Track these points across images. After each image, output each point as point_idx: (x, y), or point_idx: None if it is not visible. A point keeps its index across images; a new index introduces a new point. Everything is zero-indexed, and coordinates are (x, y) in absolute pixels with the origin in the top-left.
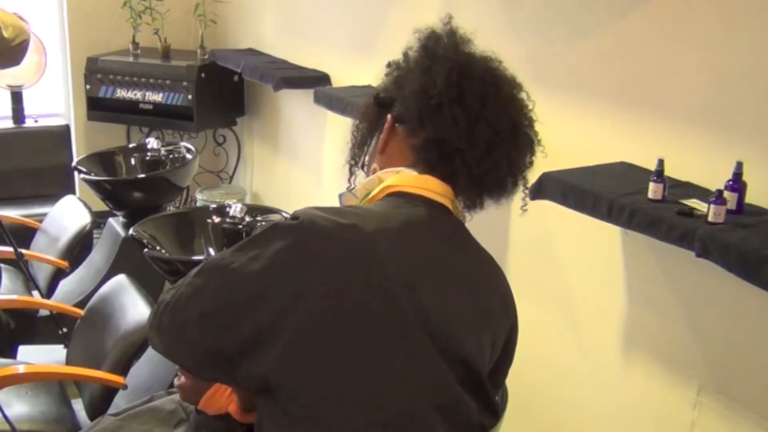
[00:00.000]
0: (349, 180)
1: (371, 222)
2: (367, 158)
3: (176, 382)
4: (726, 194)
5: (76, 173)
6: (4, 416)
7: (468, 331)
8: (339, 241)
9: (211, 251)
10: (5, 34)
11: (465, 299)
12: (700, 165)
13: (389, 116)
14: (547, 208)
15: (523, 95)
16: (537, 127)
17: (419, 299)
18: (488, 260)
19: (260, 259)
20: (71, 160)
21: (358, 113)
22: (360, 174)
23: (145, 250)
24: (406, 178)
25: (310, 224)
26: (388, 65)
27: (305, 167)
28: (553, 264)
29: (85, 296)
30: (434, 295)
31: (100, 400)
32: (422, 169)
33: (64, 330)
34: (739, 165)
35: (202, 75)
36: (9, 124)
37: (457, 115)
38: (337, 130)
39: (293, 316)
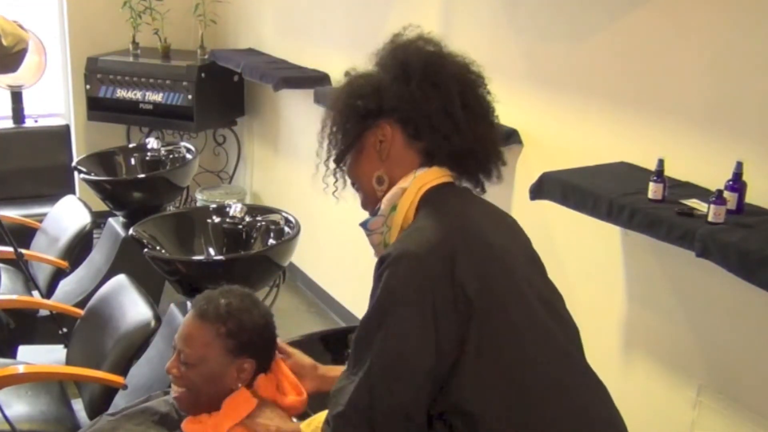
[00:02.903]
0: (335, 185)
1: (457, 220)
2: (352, 168)
3: (173, 393)
4: (726, 194)
5: (76, 173)
6: (4, 416)
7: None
8: (460, 250)
9: (211, 251)
10: (4, 42)
11: (527, 246)
12: (700, 165)
13: (388, 126)
14: (547, 208)
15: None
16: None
17: (513, 262)
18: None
19: (424, 327)
20: (71, 160)
21: (334, 122)
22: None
23: (145, 250)
24: (427, 174)
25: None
26: (348, 74)
27: (305, 167)
28: (553, 264)
29: (85, 296)
30: (516, 256)
31: (100, 400)
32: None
33: (64, 330)
34: (739, 165)
35: (202, 75)
36: (9, 124)
37: (470, 123)
38: None
39: (472, 326)
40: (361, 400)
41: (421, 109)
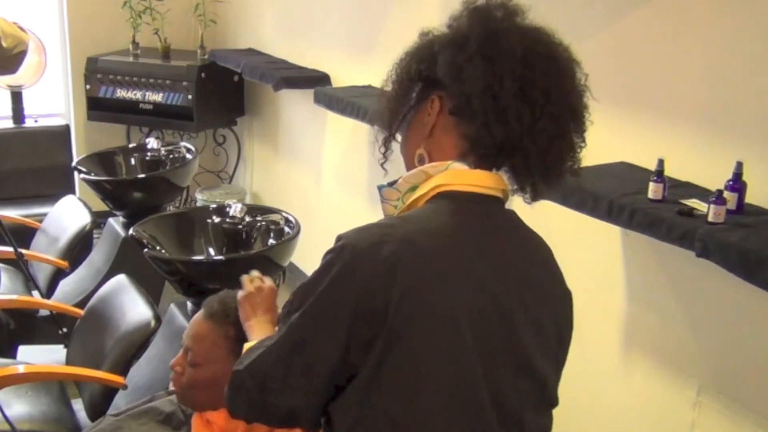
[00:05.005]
0: (384, 155)
1: (426, 238)
2: (403, 139)
3: (171, 387)
4: (726, 194)
5: (76, 173)
6: (4, 416)
7: (530, 331)
8: (398, 270)
9: (211, 251)
10: (4, 44)
11: (527, 296)
12: (700, 165)
13: (437, 100)
14: (547, 208)
15: (578, 70)
16: None
17: (490, 311)
18: (539, 243)
19: (335, 325)
20: (71, 160)
21: (390, 79)
22: (395, 148)
23: (145, 250)
24: (456, 176)
25: (366, 264)
26: (432, 37)
27: (305, 167)
28: None
29: (85, 296)
30: (501, 305)
31: (100, 400)
32: (475, 160)
33: (64, 330)
34: (739, 165)
35: (202, 75)
36: (9, 124)
37: (522, 113)
38: (337, 130)
39: (378, 342)
40: (258, 370)
41: (464, 85)
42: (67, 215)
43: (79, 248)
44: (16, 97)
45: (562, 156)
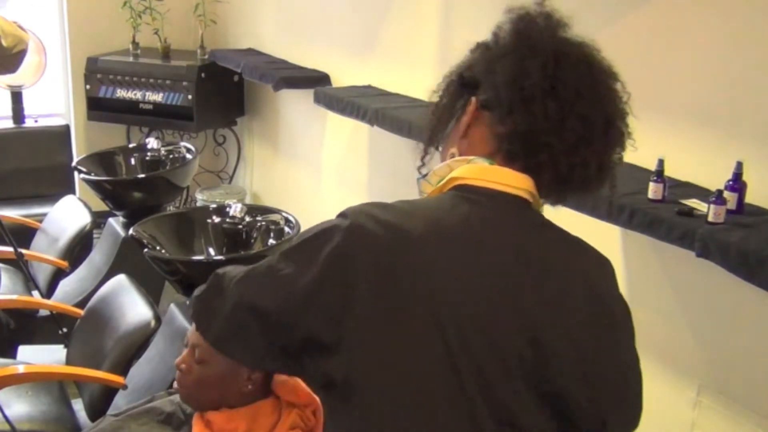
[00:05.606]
0: (422, 159)
1: (421, 224)
2: (443, 142)
3: (177, 386)
4: (726, 194)
5: (76, 173)
6: (4, 416)
7: (514, 337)
8: (385, 248)
9: (211, 251)
10: (4, 43)
11: (526, 298)
12: (700, 165)
13: (473, 99)
14: (546, 208)
15: (619, 86)
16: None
17: (462, 312)
18: (572, 251)
19: (309, 269)
20: (71, 160)
21: (439, 90)
22: (436, 155)
23: (145, 250)
24: (473, 170)
25: (357, 230)
26: (477, 46)
27: (305, 167)
28: None
29: (85, 296)
30: (478, 307)
31: (100, 400)
32: (502, 159)
33: (64, 330)
34: (739, 165)
35: (202, 75)
36: (9, 124)
37: (549, 108)
38: (337, 130)
39: (347, 323)
40: (222, 278)
41: (494, 77)
42: (67, 215)
43: (79, 248)
44: (16, 97)
45: (588, 160)
